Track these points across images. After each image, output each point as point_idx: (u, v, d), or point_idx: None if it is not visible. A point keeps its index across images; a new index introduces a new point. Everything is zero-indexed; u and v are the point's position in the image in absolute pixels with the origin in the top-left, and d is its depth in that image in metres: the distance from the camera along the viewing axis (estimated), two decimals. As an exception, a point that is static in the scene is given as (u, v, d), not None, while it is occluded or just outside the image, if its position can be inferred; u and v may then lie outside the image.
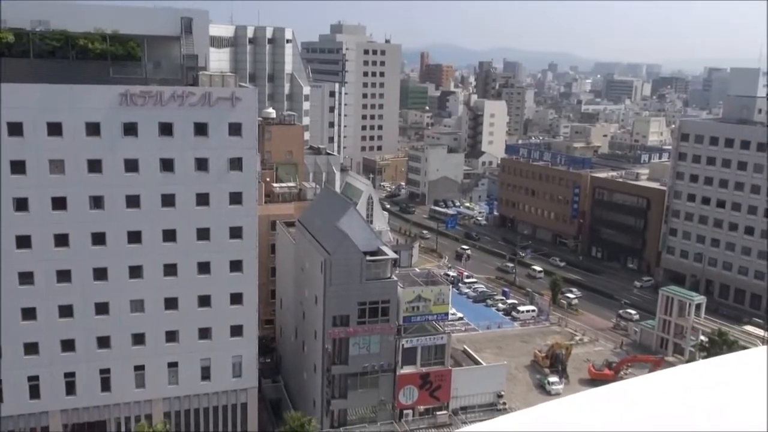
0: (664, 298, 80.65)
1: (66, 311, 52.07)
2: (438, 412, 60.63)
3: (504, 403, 63.26)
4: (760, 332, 78.01)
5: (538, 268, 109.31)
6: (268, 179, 78.47)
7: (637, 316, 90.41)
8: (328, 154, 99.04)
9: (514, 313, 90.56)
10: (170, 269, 53.76)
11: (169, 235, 53.22)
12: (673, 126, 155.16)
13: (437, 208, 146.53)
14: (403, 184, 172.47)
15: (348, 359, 56.92)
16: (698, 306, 79.26)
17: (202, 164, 52.85)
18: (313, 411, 57.77)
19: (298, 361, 64.46)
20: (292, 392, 65.87)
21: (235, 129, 52.89)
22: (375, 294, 56.20)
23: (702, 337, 77.48)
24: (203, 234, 53.91)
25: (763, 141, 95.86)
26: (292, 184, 79.50)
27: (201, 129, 52.26)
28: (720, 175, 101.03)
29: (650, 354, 78.09)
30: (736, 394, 3.15)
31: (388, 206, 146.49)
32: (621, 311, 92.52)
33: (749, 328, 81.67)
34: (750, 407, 3.07)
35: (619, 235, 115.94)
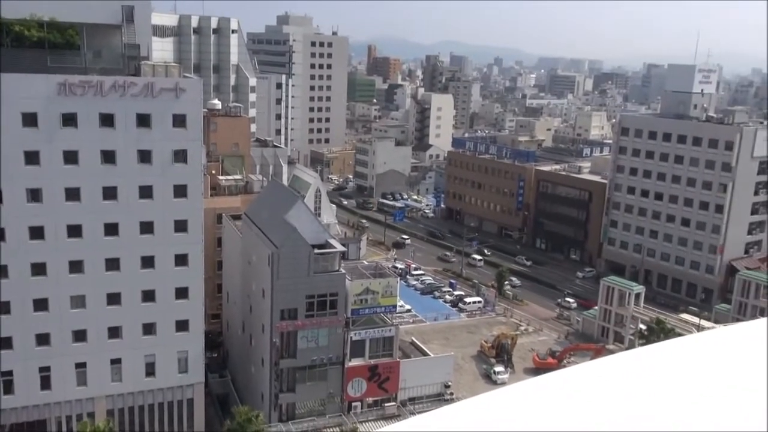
0: (605, 288, 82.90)
1: (2, 308, 50.26)
2: (386, 404, 60.98)
3: (451, 393, 64.06)
4: (696, 320, 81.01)
5: (477, 257, 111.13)
6: (213, 172, 77.39)
7: (575, 305, 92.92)
8: (275, 146, 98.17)
9: (460, 305, 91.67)
10: (112, 264, 52.45)
11: (111, 229, 51.88)
12: (614, 120, 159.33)
13: (386, 201, 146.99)
14: (350, 176, 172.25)
15: (296, 352, 56.71)
16: (637, 295, 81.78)
17: (145, 156, 51.64)
18: (261, 405, 57.40)
19: (245, 355, 63.96)
20: (240, 387, 65.33)
21: (179, 120, 51.83)
22: (323, 287, 56.09)
23: (641, 325, 79.96)
24: (147, 227, 52.76)
25: (699, 135, 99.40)
26: (238, 176, 78.61)
27: (144, 120, 51.04)
28: (658, 168, 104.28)
29: (592, 342, 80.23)
30: (673, 379, 3.26)
31: (345, 202, 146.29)
32: (560, 300, 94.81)
33: (685, 316, 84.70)
34: (685, 391, 3.18)
35: (562, 226, 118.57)
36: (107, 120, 50.15)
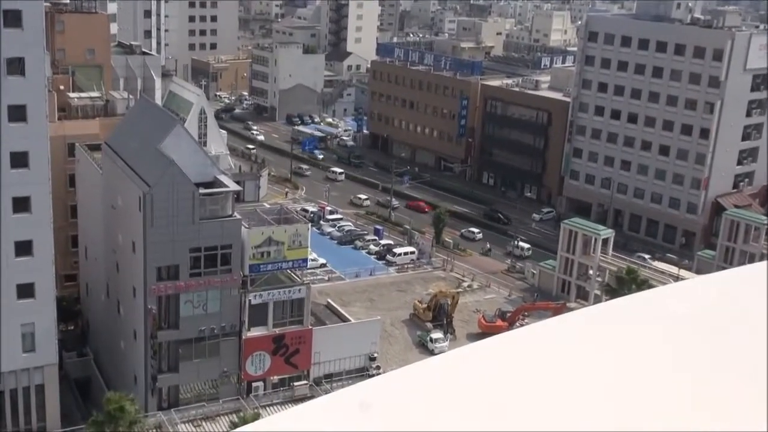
0: (566, 233, 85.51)
1: None
2: (296, 383, 61.70)
3: (378, 367, 65.33)
4: (674, 269, 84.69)
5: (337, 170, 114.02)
6: (62, 87, 74.85)
7: (530, 251, 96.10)
8: (145, 53, 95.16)
9: (389, 257, 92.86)
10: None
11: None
12: (579, 23, 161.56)
13: (301, 128, 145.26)
14: (245, 93, 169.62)
15: (178, 322, 56.44)
16: (605, 241, 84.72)
17: (-35, 66, 49.46)
18: (135, 389, 57.18)
19: (112, 326, 63.34)
20: (106, 367, 64.85)
21: (12, 18, 49.75)
22: (212, 237, 55.64)
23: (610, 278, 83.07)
24: (-28, 162, 50.89)
25: (682, 42, 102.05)
26: (95, 93, 76.32)
27: (-38, 17, 48.59)
28: (632, 83, 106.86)
29: (550, 300, 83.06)
30: (644, 340, 3.39)
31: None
32: (511, 246, 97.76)
33: (661, 264, 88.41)
34: (658, 355, 3.31)
35: (515, 157, 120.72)
36: None
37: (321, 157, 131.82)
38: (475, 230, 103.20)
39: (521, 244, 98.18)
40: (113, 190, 60.61)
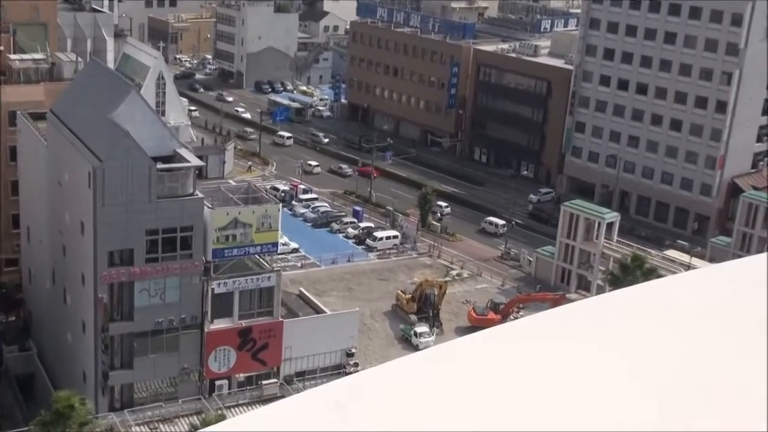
0: (567, 216, 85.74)
1: None
2: (264, 382, 61.81)
3: (356, 364, 65.52)
4: (685, 258, 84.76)
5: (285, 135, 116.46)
6: (1, 48, 74.48)
7: (505, 228, 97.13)
8: (95, 10, 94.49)
9: (369, 241, 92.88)
10: None
11: None
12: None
13: (278, 99, 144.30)
14: (209, 57, 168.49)
15: (133, 313, 56.41)
16: (610, 225, 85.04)
17: None
18: (84, 387, 57.09)
19: (58, 317, 63.25)
20: (51, 363, 64.80)
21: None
22: (171, 218, 55.49)
23: (615, 266, 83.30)
24: None
25: (697, 5, 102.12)
26: (39, 55, 75.98)
27: None
28: (642, 50, 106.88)
29: (548, 291, 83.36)
30: (649, 334, 3.40)
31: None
32: (483, 222, 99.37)
33: (672, 252, 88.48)
34: (665, 350, 3.33)
35: (510, 131, 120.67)
36: None
37: (326, 141, 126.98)
38: (443, 204, 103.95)
39: (495, 220, 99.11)
40: (60, 164, 60.32)
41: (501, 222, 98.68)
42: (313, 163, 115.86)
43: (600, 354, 3.27)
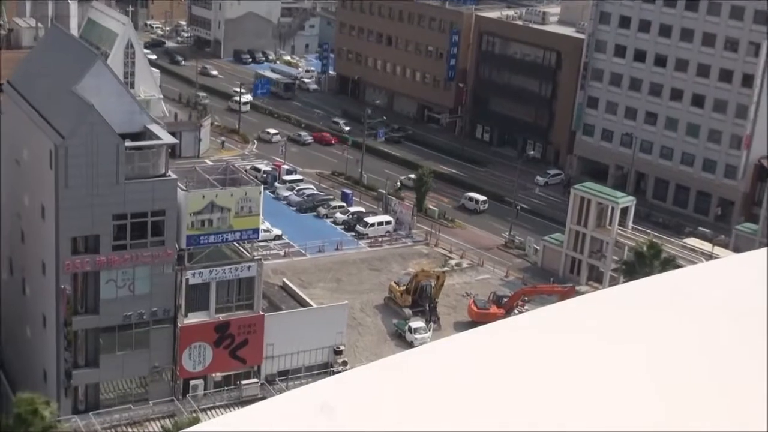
0: (577, 201, 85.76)
1: None
2: (244, 381, 61.88)
3: (344, 362, 65.66)
4: (707, 246, 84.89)
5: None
6: (-48, 13, 74.12)
7: (486, 205, 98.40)
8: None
9: (359, 228, 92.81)
10: None
11: None
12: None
13: (267, 72, 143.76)
14: (183, 23, 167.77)
15: (98, 306, 56.38)
16: (624, 211, 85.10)
17: None
18: (44, 387, 57.10)
19: (16, 310, 63.25)
20: (8, 360, 64.84)
21: None
22: (141, 201, 55.44)
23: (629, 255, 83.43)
24: None
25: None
26: (-5, 21, 75.66)
27: None
28: (660, 17, 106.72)
29: (556, 282, 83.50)
30: (664, 329, 3.41)
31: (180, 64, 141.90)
32: (462, 198, 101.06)
33: (692, 240, 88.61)
34: (681, 346, 3.34)
35: (515, 106, 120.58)
36: None
37: (348, 129, 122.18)
38: (480, 198, 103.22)
39: (476, 195, 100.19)
40: (18, 141, 60.20)
41: (482, 198, 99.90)
42: (272, 131, 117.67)
43: (612, 353, 3.27)
